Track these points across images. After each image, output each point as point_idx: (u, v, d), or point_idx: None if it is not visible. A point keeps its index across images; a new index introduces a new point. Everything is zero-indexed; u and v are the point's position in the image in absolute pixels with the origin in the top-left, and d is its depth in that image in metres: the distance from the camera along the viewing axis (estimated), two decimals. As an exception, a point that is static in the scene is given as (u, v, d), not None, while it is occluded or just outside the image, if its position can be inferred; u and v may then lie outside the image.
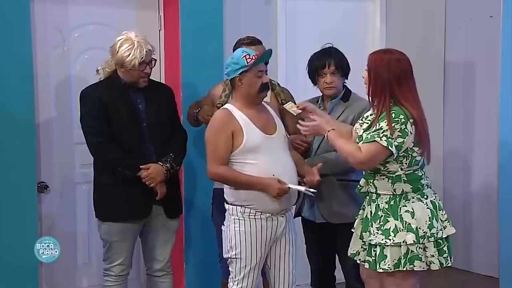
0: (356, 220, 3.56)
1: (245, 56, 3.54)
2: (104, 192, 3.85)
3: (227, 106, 3.65)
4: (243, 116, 3.56)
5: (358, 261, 3.54)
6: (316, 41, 4.10)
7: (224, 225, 3.65)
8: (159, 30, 4.60)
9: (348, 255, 3.60)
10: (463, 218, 5.44)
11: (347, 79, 3.98)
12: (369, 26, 5.36)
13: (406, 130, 3.29)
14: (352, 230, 3.58)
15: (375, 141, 3.28)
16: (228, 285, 3.65)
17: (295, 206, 3.87)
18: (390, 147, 3.26)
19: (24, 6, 3.96)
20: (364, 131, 3.42)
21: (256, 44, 4.00)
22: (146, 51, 3.74)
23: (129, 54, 3.70)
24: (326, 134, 3.45)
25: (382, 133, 3.27)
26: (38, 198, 4.14)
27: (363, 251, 3.47)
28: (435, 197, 3.45)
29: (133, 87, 3.81)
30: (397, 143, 3.28)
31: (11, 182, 3.93)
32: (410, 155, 3.33)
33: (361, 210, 3.53)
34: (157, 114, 3.84)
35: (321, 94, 3.99)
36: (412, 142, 3.32)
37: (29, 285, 4.03)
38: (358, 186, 3.52)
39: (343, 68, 3.90)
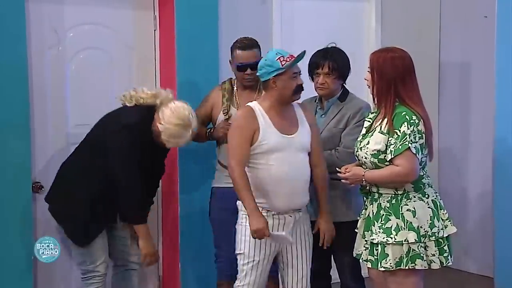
0: (359, 220, 3.56)
1: (279, 58, 3.50)
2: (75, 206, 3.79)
3: (251, 104, 3.63)
4: (265, 116, 3.56)
5: (360, 261, 3.55)
6: (312, 41, 4.10)
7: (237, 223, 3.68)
8: (154, 30, 4.59)
9: (354, 256, 3.60)
10: (458, 217, 5.40)
11: (344, 81, 3.96)
12: (364, 26, 5.37)
13: (421, 131, 3.31)
14: (356, 230, 3.58)
15: (406, 150, 3.26)
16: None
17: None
18: (417, 154, 3.27)
19: (19, 5, 3.95)
20: (367, 131, 3.44)
21: (250, 49, 3.96)
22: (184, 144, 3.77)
23: (173, 138, 3.66)
24: (363, 178, 3.40)
25: (408, 139, 3.26)
26: (33, 198, 4.12)
27: (365, 250, 3.48)
28: (436, 196, 3.46)
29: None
30: (418, 146, 3.29)
31: (6, 182, 3.92)
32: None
33: (364, 210, 3.54)
34: (158, 165, 3.92)
35: (318, 93, 4.01)
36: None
37: (24, 285, 4.01)
38: (360, 186, 3.52)
39: (339, 70, 3.88)
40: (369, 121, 3.50)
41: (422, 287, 3.46)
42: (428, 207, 3.38)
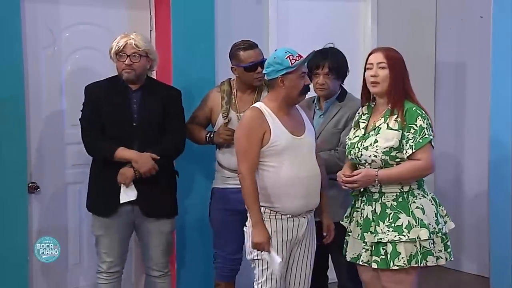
0: (351, 224, 3.55)
1: (288, 56, 3.42)
2: (90, 182, 3.90)
3: (257, 105, 3.57)
4: (274, 117, 3.49)
5: (360, 263, 3.51)
6: (308, 41, 4.11)
7: (246, 225, 3.58)
8: (151, 30, 4.58)
9: (348, 260, 3.59)
10: (454, 217, 5.40)
11: (343, 81, 3.97)
12: (360, 26, 5.37)
13: (431, 125, 3.35)
14: (349, 233, 3.58)
15: (427, 143, 3.29)
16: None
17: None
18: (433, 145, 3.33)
19: (15, 5, 3.95)
20: (365, 131, 3.44)
21: (254, 48, 3.93)
22: (127, 43, 3.74)
23: (112, 43, 3.78)
24: (376, 179, 3.36)
25: (426, 133, 3.30)
26: (29, 198, 4.12)
27: (365, 251, 3.45)
28: (432, 193, 3.49)
29: (131, 87, 3.82)
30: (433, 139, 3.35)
31: (2, 183, 3.91)
32: None
33: (355, 212, 3.52)
34: (148, 115, 3.81)
35: (317, 93, 4.01)
36: None
37: (19, 286, 4.01)
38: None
39: (338, 71, 3.89)
40: (364, 122, 3.50)
41: (417, 285, 3.46)
42: (432, 204, 3.41)
